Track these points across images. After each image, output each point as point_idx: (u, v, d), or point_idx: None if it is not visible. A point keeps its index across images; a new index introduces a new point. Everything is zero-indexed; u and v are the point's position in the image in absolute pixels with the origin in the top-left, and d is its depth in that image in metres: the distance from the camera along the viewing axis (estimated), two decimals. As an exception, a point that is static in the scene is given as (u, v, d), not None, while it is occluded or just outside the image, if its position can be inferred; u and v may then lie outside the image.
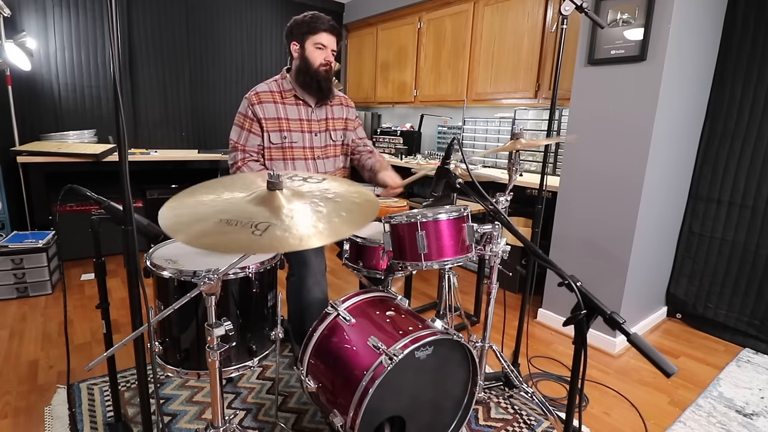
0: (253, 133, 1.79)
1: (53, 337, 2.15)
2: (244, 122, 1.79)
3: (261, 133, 1.79)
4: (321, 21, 1.79)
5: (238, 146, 1.80)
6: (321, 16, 1.80)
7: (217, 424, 1.15)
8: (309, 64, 1.78)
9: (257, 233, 0.83)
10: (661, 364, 0.81)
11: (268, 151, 1.80)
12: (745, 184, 2.25)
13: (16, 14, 3.09)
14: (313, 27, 1.78)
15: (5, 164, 2.88)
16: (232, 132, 1.83)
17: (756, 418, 1.74)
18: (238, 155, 1.79)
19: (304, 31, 1.78)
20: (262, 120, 1.77)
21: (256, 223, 0.86)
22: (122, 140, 0.92)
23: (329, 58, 1.80)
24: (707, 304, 2.43)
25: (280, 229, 0.85)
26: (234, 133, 1.82)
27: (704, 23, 2.11)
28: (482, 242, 1.49)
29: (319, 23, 1.78)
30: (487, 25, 3.27)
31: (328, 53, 1.80)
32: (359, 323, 1.33)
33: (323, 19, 1.79)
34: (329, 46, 1.79)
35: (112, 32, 0.87)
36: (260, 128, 1.78)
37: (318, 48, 1.78)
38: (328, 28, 1.79)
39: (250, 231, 0.84)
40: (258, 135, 1.79)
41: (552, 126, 1.86)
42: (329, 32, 1.79)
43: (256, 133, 1.79)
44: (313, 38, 1.78)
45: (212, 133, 4.13)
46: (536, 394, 1.67)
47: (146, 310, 1.07)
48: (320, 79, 1.80)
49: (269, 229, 0.84)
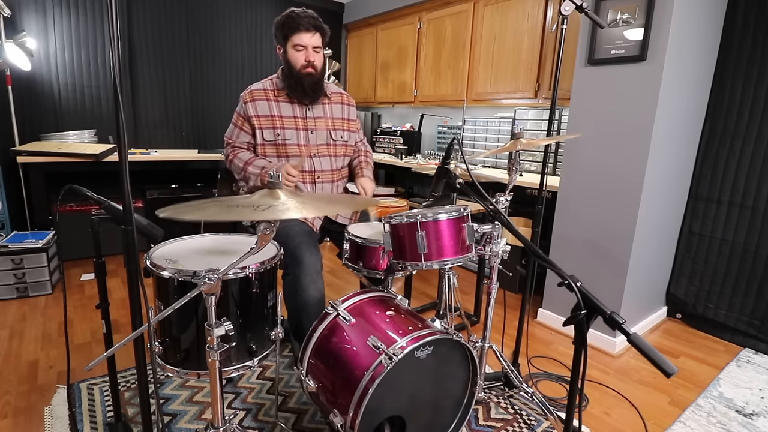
0: (243, 131, 1.84)
1: (53, 337, 2.15)
2: (237, 120, 1.86)
3: (251, 131, 1.82)
4: (298, 20, 1.71)
5: (229, 142, 1.89)
6: (298, 15, 1.72)
7: (217, 424, 1.15)
8: (291, 67, 1.77)
9: (259, 209, 0.93)
10: (661, 364, 0.81)
11: (262, 147, 1.82)
12: (745, 184, 2.25)
13: (16, 14, 3.09)
14: (289, 28, 1.73)
15: (5, 164, 2.88)
16: (227, 129, 1.91)
17: (756, 418, 1.74)
18: (228, 149, 1.89)
19: (284, 34, 1.75)
20: (252, 118, 1.79)
21: (257, 204, 0.96)
22: (122, 140, 0.92)
23: (310, 58, 1.75)
24: (707, 304, 2.43)
25: (280, 207, 0.95)
26: (228, 130, 1.90)
27: (704, 23, 2.11)
28: (482, 242, 1.49)
29: (294, 23, 1.71)
30: (487, 25, 3.28)
31: (309, 53, 1.75)
32: (359, 323, 1.33)
33: (299, 18, 1.71)
34: (309, 45, 1.74)
35: (112, 32, 0.87)
36: (250, 126, 1.81)
37: (297, 49, 1.74)
38: (306, 27, 1.71)
39: (252, 209, 0.93)
40: (248, 132, 1.83)
41: (552, 126, 1.86)
42: (307, 30, 1.72)
43: (246, 130, 1.83)
44: (292, 39, 1.74)
45: (212, 133, 4.13)
46: (536, 394, 1.67)
47: (146, 310, 1.07)
48: (303, 82, 1.77)
49: (270, 207, 0.94)
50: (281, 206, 0.96)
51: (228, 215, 0.92)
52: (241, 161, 1.81)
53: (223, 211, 0.94)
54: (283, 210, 0.94)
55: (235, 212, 0.92)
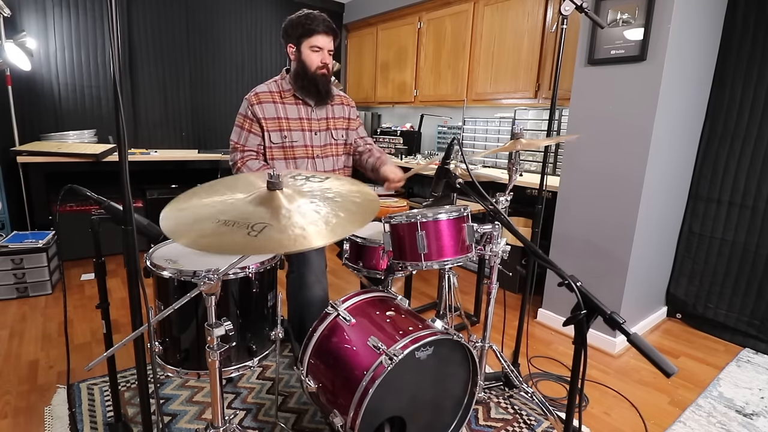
0: (252, 133, 1.79)
1: (53, 337, 2.15)
2: (243, 123, 1.80)
3: (261, 133, 1.79)
4: (316, 22, 1.72)
5: (238, 146, 1.80)
6: (316, 17, 1.74)
7: (217, 424, 1.15)
8: (306, 68, 1.76)
9: (253, 234, 0.84)
10: (661, 364, 0.81)
11: (270, 150, 1.80)
12: (745, 184, 2.25)
13: (16, 14, 3.09)
14: (308, 29, 1.73)
15: (5, 164, 2.88)
16: (232, 133, 1.83)
17: (756, 418, 1.74)
18: (237, 155, 1.80)
19: (300, 34, 1.74)
20: (261, 120, 1.77)
21: (252, 224, 0.86)
22: (122, 140, 0.92)
23: (326, 60, 1.77)
24: (707, 304, 2.43)
25: (276, 230, 0.86)
26: (234, 134, 1.83)
27: (704, 23, 2.11)
28: (482, 242, 1.49)
29: (314, 25, 1.72)
30: (487, 25, 3.27)
31: (325, 55, 1.76)
32: (359, 323, 1.33)
33: (318, 20, 1.73)
34: (325, 48, 1.75)
35: (112, 32, 0.87)
36: (260, 128, 1.78)
37: (314, 51, 1.74)
38: (324, 30, 1.73)
39: (246, 232, 0.84)
40: (258, 135, 1.79)
41: (552, 126, 1.86)
42: (325, 33, 1.74)
43: (256, 133, 1.79)
44: (309, 41, 1.74)
45: (212, 133, 4.13)
46: (536, 394, 1.67)
47: (146, 310, 1.07)
48: (318, 83, 1.78)
49: (265, 230, 0.85)
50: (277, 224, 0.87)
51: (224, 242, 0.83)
52: (249, 170, 1.75)
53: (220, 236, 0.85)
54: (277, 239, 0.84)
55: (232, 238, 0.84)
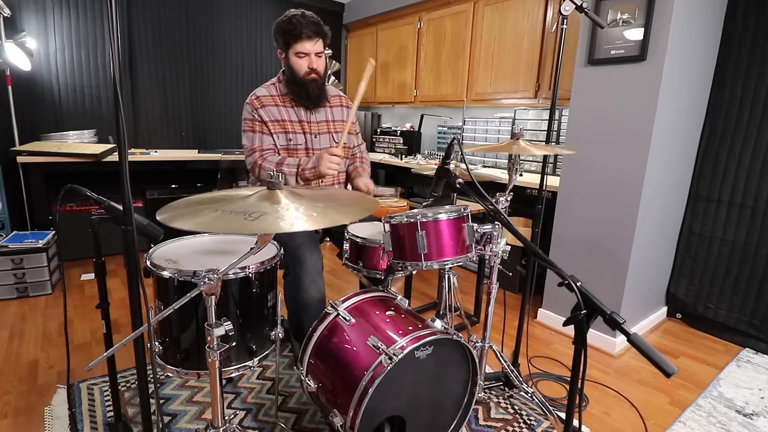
0: (265, 134, 1.79)
1: (53, 337, 2.15)
2: (253, 126, 1.79)
3: (270, 134, 1.80)
4: (299, 27, 1.69)
5: (255, 148, 1.79)
6: (299, 21, 1.69)
7: (217, 424, 1.15)
8: (294, 74, 1.76)
9: (249, 219, 0.88)
10: (661, 364, 0.81)
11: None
12: (745, 184, 2.25)
13: (16, 14, 3.09)
14: (291, 35, 1.71)
15: (5, 164, 2.88)
16: (243, 139, 1.81)
17: (756, 418, 1.74)
18: (256, 155, 1.78)
19: (285, 40, 1.73)
20: (267, 123, 1.78)
21: (250, 212, 0.91)
22: (122, 140, 0.92)
23: (313, 65, 1.75)
24: (707, 304, 2.43)
25: (272, 217, 0.90)
26: (246, 139, 1.81)
27: (704, 23, 2.11)
28: (482, 242, 1.49)
29: (297, 30, 1.69)
30: (487, 25, 3.27)
31: (312, 59, 1.74)
32: (359, 323, 1.33)
33: (301, 24, 1.69)
34: (312, 52, 1.73)
35: (112, 32, 0.87)
36: (269, 129, 1.79)
37: (300, 57, 1.73)
38: (307, 35, 1.70)
39: (243, 218, 0.88)
40: (269, 135, 1.79)
41: (552, 126, 1.86)
42: (308, 38, 1.70)
43: (267, 133, 1.79)
44: (294, 47, 1.72)
45: (212, 133, 4.14)
46: (536, 394, 1.67)
47: (146, 310, 1.07)
48: (308, 88, 1.78)
49: (261, 217, 0.89)
50: (274, 214, 0.91)
51: (220, 224, 0.89)
52: (271, 164, 1.75)
53: (217, 219, 0.90)
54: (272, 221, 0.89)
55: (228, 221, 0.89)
